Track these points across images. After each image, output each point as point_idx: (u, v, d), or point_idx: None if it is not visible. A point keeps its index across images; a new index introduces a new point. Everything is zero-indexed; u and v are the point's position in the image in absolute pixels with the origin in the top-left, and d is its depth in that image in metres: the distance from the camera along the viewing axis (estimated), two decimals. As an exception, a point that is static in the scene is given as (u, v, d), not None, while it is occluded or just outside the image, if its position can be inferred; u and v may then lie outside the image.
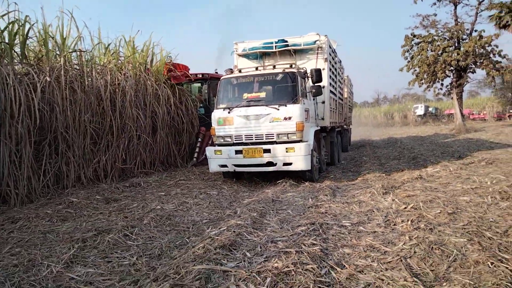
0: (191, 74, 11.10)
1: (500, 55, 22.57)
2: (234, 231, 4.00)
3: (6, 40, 6.24)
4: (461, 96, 24.83)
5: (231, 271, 3.06)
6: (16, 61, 6.18)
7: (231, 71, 12.18)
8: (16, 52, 6.35)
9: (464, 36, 23.48)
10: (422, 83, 24.52)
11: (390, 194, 5.56)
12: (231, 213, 5.03)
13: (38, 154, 6.56)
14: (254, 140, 6.93)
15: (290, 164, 6.69)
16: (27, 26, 6.51)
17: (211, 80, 11.54)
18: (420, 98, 59.35)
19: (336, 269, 3.07)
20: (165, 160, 10.15)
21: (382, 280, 2.86)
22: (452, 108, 44.58)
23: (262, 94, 7.16)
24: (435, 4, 24.37)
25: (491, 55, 22.57)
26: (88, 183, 7.29)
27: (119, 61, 8.78)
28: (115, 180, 7.86)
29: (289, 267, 3.04)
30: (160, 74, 9.85)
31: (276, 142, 6.80)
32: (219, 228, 4.18)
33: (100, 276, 3.15)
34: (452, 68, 23.46)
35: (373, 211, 4.79)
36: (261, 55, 8.41)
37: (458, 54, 22.50)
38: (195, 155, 10.51)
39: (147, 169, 9.17)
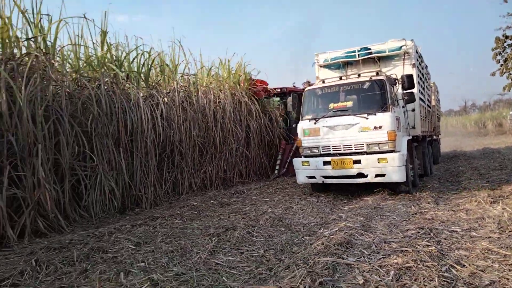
0: (270, 89, 11.63)
1: None
2: (346, 232, 4.35)
3: (135, 69, 7.43)
4: None
5: (353, 264, 3.43)
6: (142, 86, 7.30)
7: (309, 83, 12.51)
8: (142, 78, 7.49)
9: None
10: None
11: (499, 203, 5.43)
12: (336, 218, 5.38)
13: (159, 165, 7.59)
14: (342, 151, 6.82)
15: (383, 175, 6.46)
16: (145, 56, 7.66)
17: (291, 93, 11.99)
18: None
19: (456, 267, 3.26)
20: (257, 171, 10.88)
21: (508, 279, 2.98)
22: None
23: (349, 103, 7.07)
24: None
25: None
26: (198, 190, 8.21)
27: (218, 81, 9.73)
28: (219, 188, 8.71)
29: (409, 263, 3.31)
30: (247, 90, 10.61)
31: (366, 153, 6.63)
32: (331, 229, 4.56)
33: (239, 263, 3.73)
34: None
35: (484, 219, 4.77)
36: (343, 65, 8.38)
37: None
38: (277, 167, 10.86)
39: (244, 179, 9.95)
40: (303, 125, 7.27)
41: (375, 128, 6.54)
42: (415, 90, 7.75)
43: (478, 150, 19.03)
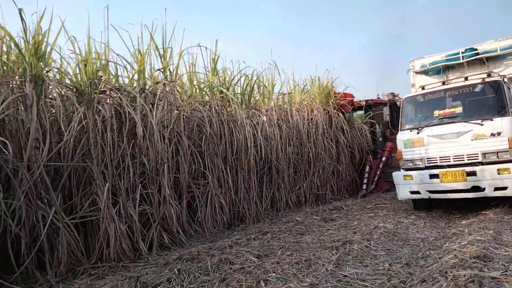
0: (355, 101, 11.40)
1: None
2: (478, 245, 4.08)
3: (238, 91, 7.88)
4: None
5: (500, 278, 3.20)
6: (244, 107, 7.72)
7: (393, 95, 11.91)
8: (245, 99, 7.91)
9: None
10: None
11: None
12: (457, 232, 5.07)
13: (259, 182, 7.87)
14: (452, 162, 6.27)
15: (504, 188, 5.77)
16: (248, 78, 8.12)
17: (376, 106, 11.61)
18: None
19: None
20: (348, 187, 10.69)
21: None
22: None
23: (458, 109, 6.58)
24: None
25: None
26: (294, 206, 8.32)
27: (310, 98, 9.89)
28: (312, 205, 8.73)
29: None
30: (335, 104, 10.54)
31: (481, 163, 6.02)
32: (459, 243, 4.32)
33: (368, 276, 3.70)
34: None
35: None
36: (443, 69, 7.88)
37: None
38: (364, 185, 10.47)
39: (335, 195, 9.84)
40: (403, 136, 6.85)
41: (493, 135, 5.97)
42: None
43: None
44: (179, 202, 6.07)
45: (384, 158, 10.71)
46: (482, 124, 6.06)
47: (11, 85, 4.11)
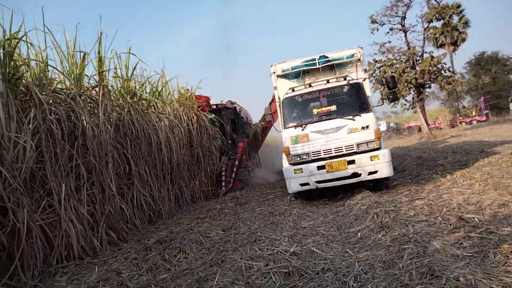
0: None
1: (449, 71, 27.01)
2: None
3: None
4: (424, 109, 28.84)
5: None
6: (153, 109, 8.17)
7: (231, 102, 13.24)
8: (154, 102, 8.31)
9: (418, 58, 27.78)
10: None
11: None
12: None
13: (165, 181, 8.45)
14: (333, 154, 6.92)
15: (375, 172, 6.70)
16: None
17: (224, 110, 12.28)
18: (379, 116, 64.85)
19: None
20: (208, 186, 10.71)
21: None
22: (410, 122, 50.29)
23: (333, 107, 7.27)
24: (388, 33, 28.82)
25: (442, 71, 26.90)
26: (192, 202, 9.22)
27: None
28: (202, 200, 9.75)
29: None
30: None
31: (356, 153, 6.84)
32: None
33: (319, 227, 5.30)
34: (412, 85, 27.44)
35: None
36: (300, 74, 8.30)
37: (415, 73, 26.55)
38: (223, 184, 10.73)
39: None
40: (289, 133, 7.22)
41: (363, 128, 6.84)
42: (369, 94, 7.74)
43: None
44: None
45: (237, 159, 11.48)
46: (354, 120, 6.90)
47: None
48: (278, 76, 8.52)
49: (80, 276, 4.33)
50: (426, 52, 27.65)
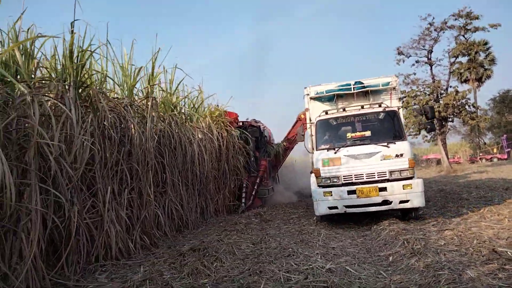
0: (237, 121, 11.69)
1: (473, 106, 26.91)
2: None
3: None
4: (445, 142, 28.64)
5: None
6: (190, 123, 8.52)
7: (255, 121, 13.39)
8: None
9: (442, 91, 27.84)
10: (411, 131, 28.26)
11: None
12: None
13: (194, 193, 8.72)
14: (365, 179, 6.88)
15: (407, 201, 6.62)
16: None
17: (250, 127, 12.40)
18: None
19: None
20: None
21: None
22: (429, 154, 49.74)
23: (368, 133, 7.30)
24: (413, 65, 29.09)
25: (466, 106, 26.82)
26: (215, 215, 9.41)
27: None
28: (225, 214, 9.94)
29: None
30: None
31: (388, 180, 6.79)
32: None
33: (348, 248, 5.43)
34: (435, 118, 27.44)
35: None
36: (334, 98, 8.45)
37: (439, 106, 26.54)
38: (243, 201, 10.87)
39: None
40: (320, 156, 7.24)
41: (397, 156, 6.80)
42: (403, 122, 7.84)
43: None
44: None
45: (259, 177, 11.67)
46: (388, 147, 6.88)
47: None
48: (311, 98, 8.62)
49: (118, 275, 4.54)
50: (451, 87, 27.76)
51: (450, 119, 28.02)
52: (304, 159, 17.56)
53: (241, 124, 12.70)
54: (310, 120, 8.23)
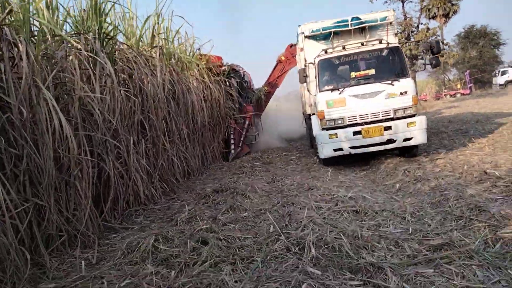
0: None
1: (442, 43, 27.75)
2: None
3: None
4: (415, 80, 29.70)
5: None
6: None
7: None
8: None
9: (413, 29, 28.35)
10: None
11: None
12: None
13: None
14: (369, 119, 6.79)
15: (410, 139, 6.65)
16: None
17: (233, 72, 12.00)
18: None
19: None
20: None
21: None
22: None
23: (371, 71, 7.08)
24: (386, 2, 29.18)
25: (436, 44, 27.62)
26: (212, 163, 9.80)
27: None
28: (221, 161, 10.31)
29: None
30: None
31: (392, 119, 6.72)
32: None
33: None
34: (406, 56, 28.17)
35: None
36: (330, 35, 7.93)
37: (409, 44, 27.19)
38: (232, 147, 10.89)
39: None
40: (324, 97, 7.02)
41: (401, 93, 6.67)
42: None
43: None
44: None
45: (247, 123, 11.62)
46: (393, 84, 6.72)
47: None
48: (306, 36, 8.17)
49: (154, 217, 4.95)
50: (421, 24, 28.30)
51: (421, 57, 28.86)
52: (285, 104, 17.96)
53: (224, 68, 12.02)
54: (306, 60, 7.89)
